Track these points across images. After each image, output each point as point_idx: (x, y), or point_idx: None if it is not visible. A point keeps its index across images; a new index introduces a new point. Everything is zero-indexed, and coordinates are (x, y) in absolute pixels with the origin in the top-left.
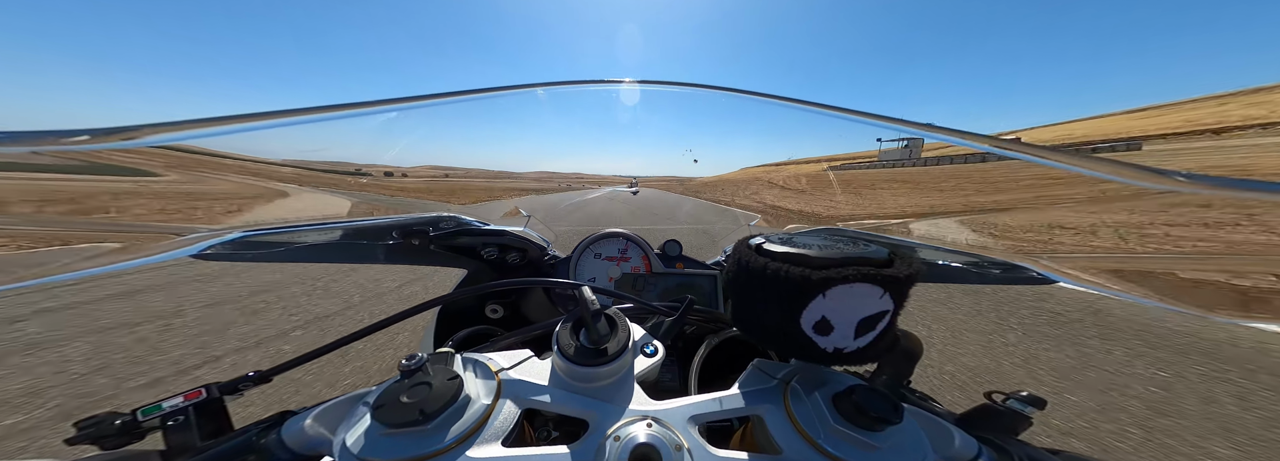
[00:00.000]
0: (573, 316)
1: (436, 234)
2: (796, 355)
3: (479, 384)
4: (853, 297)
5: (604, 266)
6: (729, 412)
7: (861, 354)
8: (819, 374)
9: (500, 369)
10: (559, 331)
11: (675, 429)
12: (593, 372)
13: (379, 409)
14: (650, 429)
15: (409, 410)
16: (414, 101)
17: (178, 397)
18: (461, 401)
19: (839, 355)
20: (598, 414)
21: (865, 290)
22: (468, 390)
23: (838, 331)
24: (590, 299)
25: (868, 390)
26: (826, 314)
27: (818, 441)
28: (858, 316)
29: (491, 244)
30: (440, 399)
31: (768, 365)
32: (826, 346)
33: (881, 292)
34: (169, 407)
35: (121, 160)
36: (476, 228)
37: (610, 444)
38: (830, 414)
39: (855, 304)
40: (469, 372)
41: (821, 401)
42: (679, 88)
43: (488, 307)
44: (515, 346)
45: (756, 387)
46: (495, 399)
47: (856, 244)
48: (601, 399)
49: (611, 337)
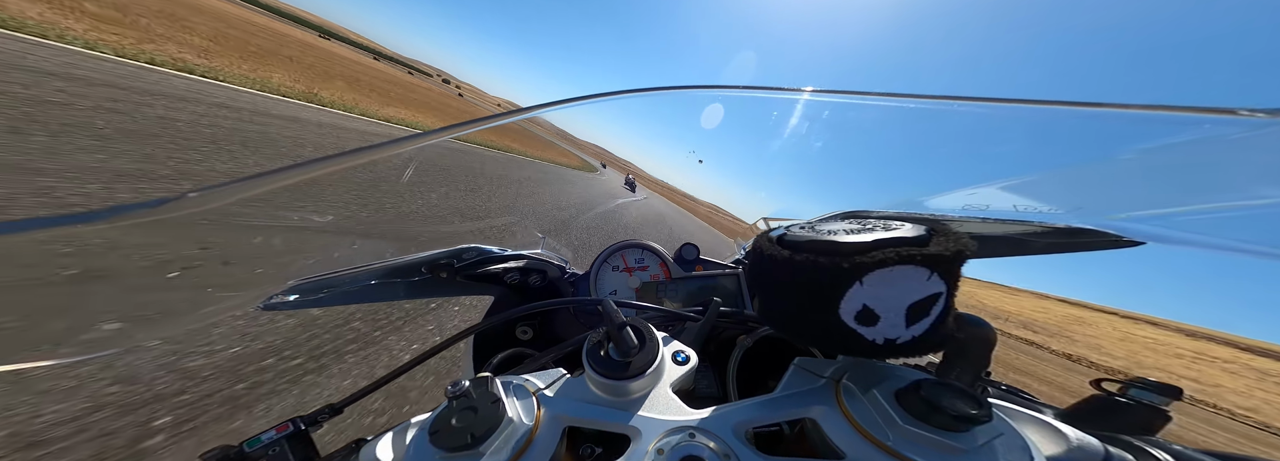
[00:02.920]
0: (598, 331)
1: (460, 265)
2: (841, 350)
3: (519, 405)
4: (895, 281)
5: (622, 278)
6: (776, 417)
7: (918, 343)
8: (873, 369)
9: (537, 389)
10: (588, 347)
11: (721, 438)
12: (626, 386)
13: (434, 434)
14: (694, 439)
15: (460, 434)
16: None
17: (271, 431)
18: (505, 423)
19: (892, 347)
20: (638, 427)
21: (908, 272)
22: (510, 412)
23: (885, 320)
24: (613, 312)
25: (937, 384)
26: (868, 302)
27: (887, 443)
28: (905, 302)
29: (512, 269)
30: (486, 422)
31: (812, 363)
32: (875, 338)
33: (928, 273)
34: (267, 439)
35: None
36: (497, 254)
37: (654, 458)
38: (896, 413)
39: (900, 288)
40: (509, 395)
41: (883, 399)
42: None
43: (518, 329)
44: (549, 365)
45: (804, 388)
46: (536, 419)
47: (886, 224)
48: (640, 412)
49: (640, 349)
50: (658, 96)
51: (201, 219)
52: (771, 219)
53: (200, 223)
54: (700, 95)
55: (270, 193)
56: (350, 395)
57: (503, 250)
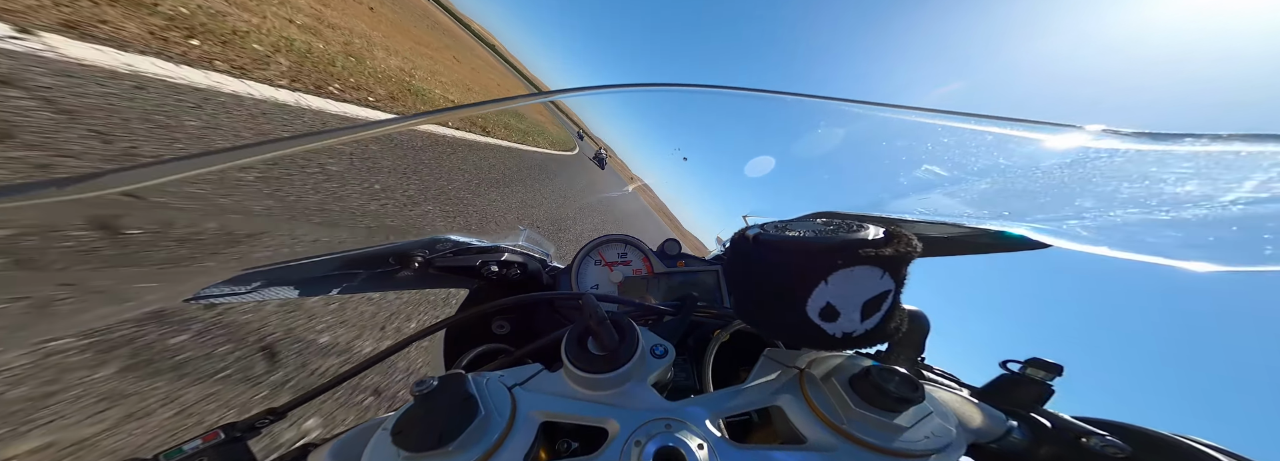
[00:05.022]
0: (578, 326)
1: (433, 256)
2: (806, 344)
3: (493, 401)
4: (854, 281)
5: (604, 272)
6: (747, 406)
7: (870, 336)
8: (833, 359)
9: (513, 385)
10: (567, 342)
11: (695, 427)
12: (605, 379)
13: (398, 434)
14: (670, 429)
15: (428, 433)
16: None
17: (196, 441)
18: (478, 421)
19: (848, 340)
20: (616, 420)
21: (865, 272)
22: (483, 409)
23: (844, 316)
24: (595, 306)
25: (883, 370)
26: (830, 300)
27: (841, 426)
28: (861, 299)
29: (490, 261)
30: (456, 420)
31: (780, 354)
32: (835, 332)
33: (882, 273)
34: (190, 450)
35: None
36: (474, 245)
37: (632, 448)
38: (850, 397)
39: (857, 287)
40: (482, 391)
41: (840, 386)
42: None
43: (494, 324)
44: (525, 361)
45: (772, 378)
46: (511, 415)
47: (851, 226)
48: (618, 405)
49: (619, 343)
50: (657, 92)
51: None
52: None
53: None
54: (703, 97)
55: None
56: (296, 397)
57: (480, 241)
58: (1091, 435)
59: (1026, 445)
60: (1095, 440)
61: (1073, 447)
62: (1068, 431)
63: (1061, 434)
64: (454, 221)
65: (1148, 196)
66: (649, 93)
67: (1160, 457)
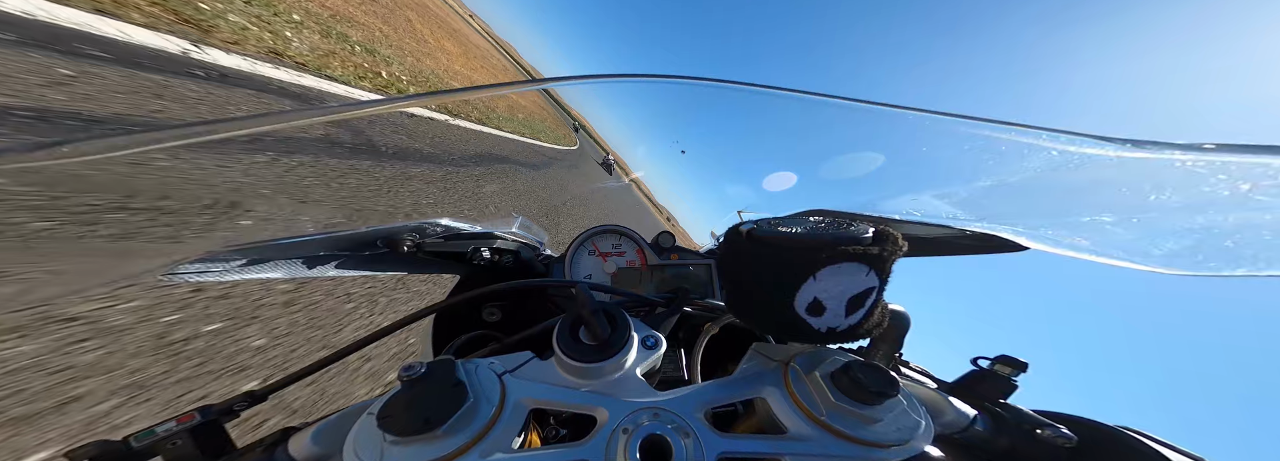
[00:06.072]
0: (571, 315)
1: (424, 240)
2: (792, 337)
3: (483, 388)
4: (841, 277)
5: (598, 262)
6: (733, 397)
7: (853, 331)
8: (817, 353)
9: (503, 372)
10: (558, 331)
11: (682, 417)
12: (595, 369)
13: (385, 419)
14: (657, 419)
15: (415, 418)
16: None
17: (170, 422)
18: (467, 406)
19: (832, 334)
20: (604, 409)
21: (851, 269)
22: (472, 395)
23: (830, 311)
24: (588, 296)
25: (863, 365)
26: (818, 295)
27: (820, 418)
28: (847, 295)
29: (482, 247)
30: (444, 405)
31: (767, 348)
32: (820, 327)
33: (867, 270)
34: (163, 432)
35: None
36: (466, 231)
37: (619, 437)
38: (831, 391)
39: (844, 283)
40: (471, 378)
41: (821, 379)
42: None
43: (485, 310)
44: (515, 348)
45: (758, 371)
46: (500, 402)
47: (841, 224)
48: (607, 394)
49: (611, 333)
50: (658, 87)
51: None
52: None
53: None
54: (704, 91)
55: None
56: (277, 381)
57: (473, 226)
58: (1045, 427)
59: (987, 436)
60: (1048, 431)
61: (1028, 438)
62: (1025, 423)
63: (1019, 425)
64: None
65: (1123, 203)
66: (649, 87)
67: (1103, 447)
